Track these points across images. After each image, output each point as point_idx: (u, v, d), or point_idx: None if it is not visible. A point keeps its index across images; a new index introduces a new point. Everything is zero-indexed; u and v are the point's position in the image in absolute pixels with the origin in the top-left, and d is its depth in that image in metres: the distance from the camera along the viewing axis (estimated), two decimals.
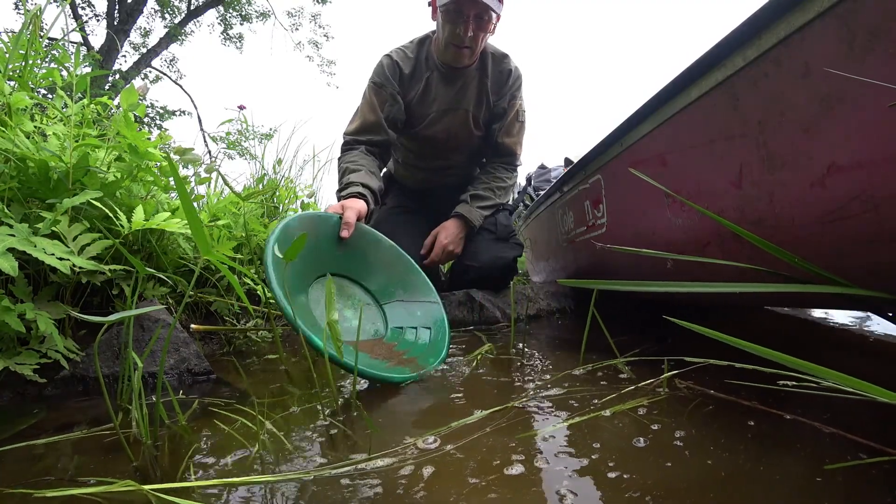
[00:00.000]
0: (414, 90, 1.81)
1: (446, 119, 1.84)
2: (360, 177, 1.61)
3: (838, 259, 0.69)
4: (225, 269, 0.82)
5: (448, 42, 1.67)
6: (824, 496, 0.52)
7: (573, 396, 0.85)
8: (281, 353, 1.25)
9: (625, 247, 0.94)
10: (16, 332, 0.92)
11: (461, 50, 1.68)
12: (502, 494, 0.55)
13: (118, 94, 1.55)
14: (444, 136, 1.88)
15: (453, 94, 1.81)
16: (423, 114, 1.84)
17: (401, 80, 1.80)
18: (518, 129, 1.93)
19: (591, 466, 0.60)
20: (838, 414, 0.72)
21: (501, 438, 0.69)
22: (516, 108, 1.88)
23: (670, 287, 0.71)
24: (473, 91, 1.82)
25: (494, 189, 1.89)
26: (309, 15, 13.57)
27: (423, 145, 1.95)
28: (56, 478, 0.63)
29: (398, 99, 1.79)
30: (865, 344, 1.22)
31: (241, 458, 0.68)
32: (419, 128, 1.87)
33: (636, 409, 0.77)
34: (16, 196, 1.07)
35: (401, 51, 1.83)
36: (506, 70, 1.84)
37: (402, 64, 1.79)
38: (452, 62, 1.73)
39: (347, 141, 1.80)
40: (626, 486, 0.56)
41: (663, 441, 0.66)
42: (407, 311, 1.35)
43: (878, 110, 0.57)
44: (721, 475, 0.57)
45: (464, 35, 1.62)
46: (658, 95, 0.95)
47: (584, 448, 0.65)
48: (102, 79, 7.77)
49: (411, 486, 0.58)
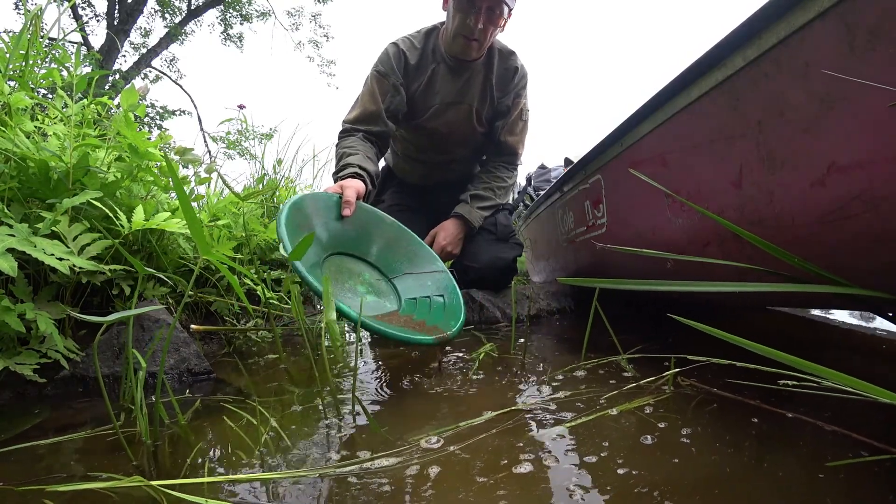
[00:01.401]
0: (418, 81, 1.79)
1: (449, 112, 1.82)
2: (357, 160, 1.60)
3: (838, 259, 0.69)
4: (224, 269, 0.82)
5: (457, 33, 1.65)
6: (827, 493, 0.52)
7: (577, 396, 0.85)
8: (281, 352, 1.25)
9: (625, 247, 0.94)
10: (16, 332, 0.92)
11: (470, 42, 1.65)
12: (511, 492, 0.55)
13: (118, 94, 1.55)
14: (446, 129, 1.86)
15: (458, 88, 1.79)
16: (426, 106, 1.82)
17: (405, 71, 1.77)
18: (521, 129, 1.91)
19: (599, 464, 0.60)
20: (839, 413, 0.72)
21: (508, 438, 0.69)
22: (520, 106, 1.86)
23: (670, 287, 0.71)
24: (478, 86, 1.80)
25: (495, 189, 1.88)
26: (309, 15, 13.58)
27: (424, 138, 1.92)
28: (58, 477, 0.63)
29: (400, 90, 1.76)
30: (865, 344, 1.22)
31: (242, 456, 0.68)
32: (421, 119, 1.85)
33: (642, 408, 0.77)
34: (16, 196, 1.07)
35: (408, 40, 1.80)
36: (512, 67, 1.82)
37: (409, 54, 1.76)
38: (460, 54, 1.70)
39: (346, 128, 1.78)
40: (634, 483, 0.56)
41: (670, 439, 0.67)
42: (417, 282, 1.37)
43: (878, 110, 0.57)
44: (727, 472, 0.58)
45: (474, 26, 1.60)
46: (658, 95, 0.95)
47: (591, 446, 0.65)
48: (102, 79, 7.77)
49: (403, 485, 0.58)
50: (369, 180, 1.57)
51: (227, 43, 12.98)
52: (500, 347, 1.26)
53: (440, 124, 1.85)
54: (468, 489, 0.56)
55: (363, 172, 1.55)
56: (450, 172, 2.06)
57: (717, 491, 0.54)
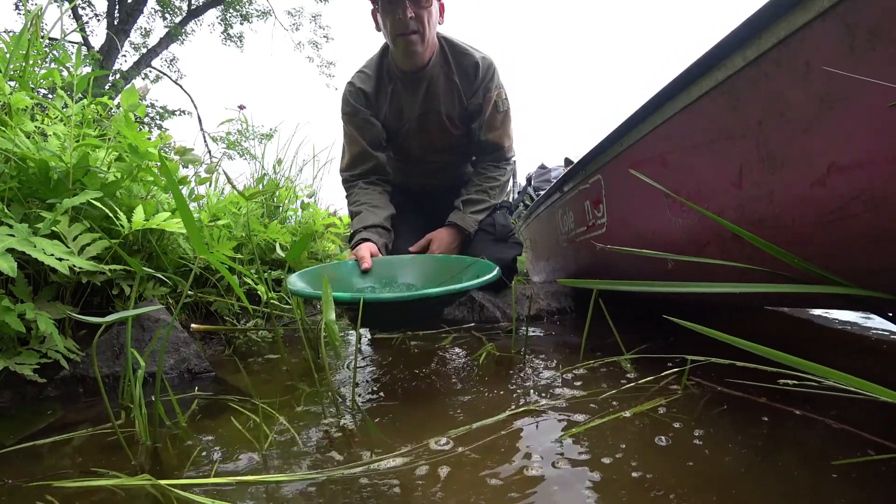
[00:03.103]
0: (383, 106, 1.80)
1: (421, 126, 1.82)
2: (362, 219, 1.66)
3: (838, 259, 0.69)
4: (223, 269, 0.82)
5: (395, 36, 1.60)
6: (839, 492, 0.53)
7: (583, 397, 0.85)
8: (282, 352, 1.25)
9: (625, 247, 0.94)
10: (16, 332, 0.92)
11: (409, 37, 1.59)
12: (524, 495, 0.55)
13: (118, 94, 1.55)
14: (422, 142, 1.86)
15: (421, 99, 1.77)
16: (399, 126, 1.83)
17: (368, 103, 1.78)
18: (501, 121, 1.84)
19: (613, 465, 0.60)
20: (841, 413, 0.73)
21: (516, 440, 0.69)
22: (493, 100, 1.79)
23: (671, 287, 0.71)
24: (441, 88, 1.76)
25: (487, 190, 1.86)
26: (309, 15, 13.58)
27: (406, 154, 1.94)
28: (63, 475, 0.63)
29: (372, 120, 1.78)
30: (866, 344, 1.22)
31: (241, 456, 0.68)
32: (399, 141, 1.87)
33: (655, 409, 0.77)
34: (16, 196, 1.07)
35: (360, 73, 1.80)
36: (471, 64, 1.74)
37: (364, 86, 1.76)
38: (406, 56, 1.65)
39: (345, 179, 1.84)
40: (649, 486, 0.56)
41: (683, 440, 0.67)
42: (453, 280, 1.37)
43: (878, 110, 0.57)
44: (742, 472, 0.58)
45: (405, 19, 1.56)
46: (658, 95, 0.95)
47: (604, 448, 0.65)
48: (103, 79, 7.78)
49: (403, 487, 0.58)
50: (379, 233, 1.63)
51: (227, 43, 12.99)
52: (501, 347, 1.26)
53: (415, 139, 1.85)
54: (479, 492, 0.56)
55: (371, 234, 1.61)
56: (442, 177, 2.06)
57: (734, 491, 0.54)
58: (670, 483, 0.56)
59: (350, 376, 1.07)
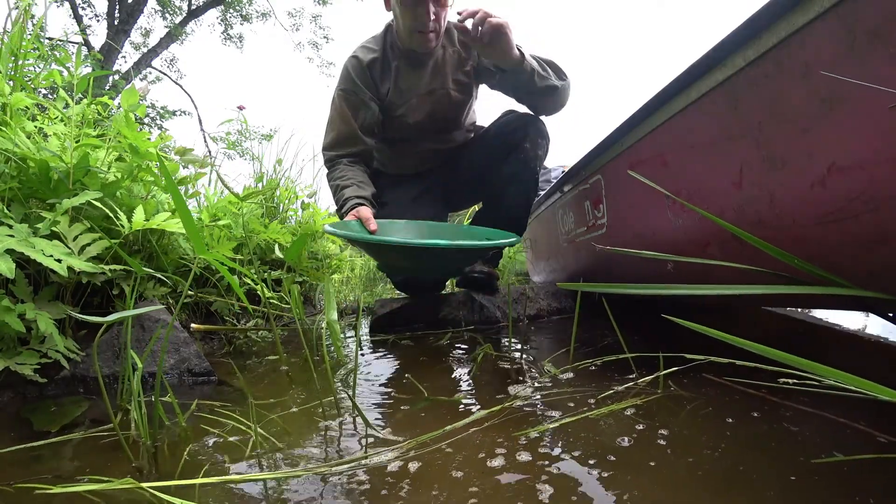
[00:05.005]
0: (387, 82, 1.72)
1: (428, 103, 1.75)
2: (353, 191, 1.61)
3: (838, 259, 0.69)
4: (223, 269, 0.82)
5: (412, 30, 1.58)
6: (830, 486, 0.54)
7: (573, 395, 0.85)
8: (281, 353, 1.25)
9: (625, 248, 0.94)
10: (16, 332, 0.92)
11: (427, 35, 1.59)
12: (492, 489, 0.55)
13: (119, 94, 1.55)
14: (428, 118, 1.78)
15: (428, 78, 1.72)
16: (403, 101, 1.74)
17: (371, 77, 1.70)
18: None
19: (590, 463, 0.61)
20: (841, 412, 0.73)
21: (497, 435, 0.69)
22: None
23: (671, 290, 0.71)
24: (449, 62, 1.72)
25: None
26: (309, 16, 13.56)
27: (408, 132, 1.82)
28: (56, 477, 0.63)
29: (370, 104, 1.70)
30: (866, 344, 1.22)
31: (238, 457, 0.68)
32: (401, 115, 1.76)
33: (648, 405, 0.77)
34: (16, 196, 1.07)
35: (364, 47, 1.73)
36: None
37: (369, 60, 1.70)
38: (419, 48, 1.64)
39: (328, 158, 1.74)
40: (645, 483, 0.56)
41: (681, 436, 0.67)
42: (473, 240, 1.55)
43: (878, 111, 0.57)
44: (740, 469, 0.58)
45: (427, 20, 1.55)
46: (658, 96, 0.95)
47: (577, 445, 0.65)
48: (103, 78, 7.78)
49: (398, 482, 0.58)
50: (370, 205, 1.60)
51: (227, 43, 12.99)
52: (500, 347, 1.26)
53: (421, 116, 1.76)
54: (450, 488, 0.56)
55: (364, 201, 1.57)
56: (445, 144, 1.91)
57: (733, 490, 0.54)
58: (663, 479, 0.56)
59: (350, 376, 1.07)
